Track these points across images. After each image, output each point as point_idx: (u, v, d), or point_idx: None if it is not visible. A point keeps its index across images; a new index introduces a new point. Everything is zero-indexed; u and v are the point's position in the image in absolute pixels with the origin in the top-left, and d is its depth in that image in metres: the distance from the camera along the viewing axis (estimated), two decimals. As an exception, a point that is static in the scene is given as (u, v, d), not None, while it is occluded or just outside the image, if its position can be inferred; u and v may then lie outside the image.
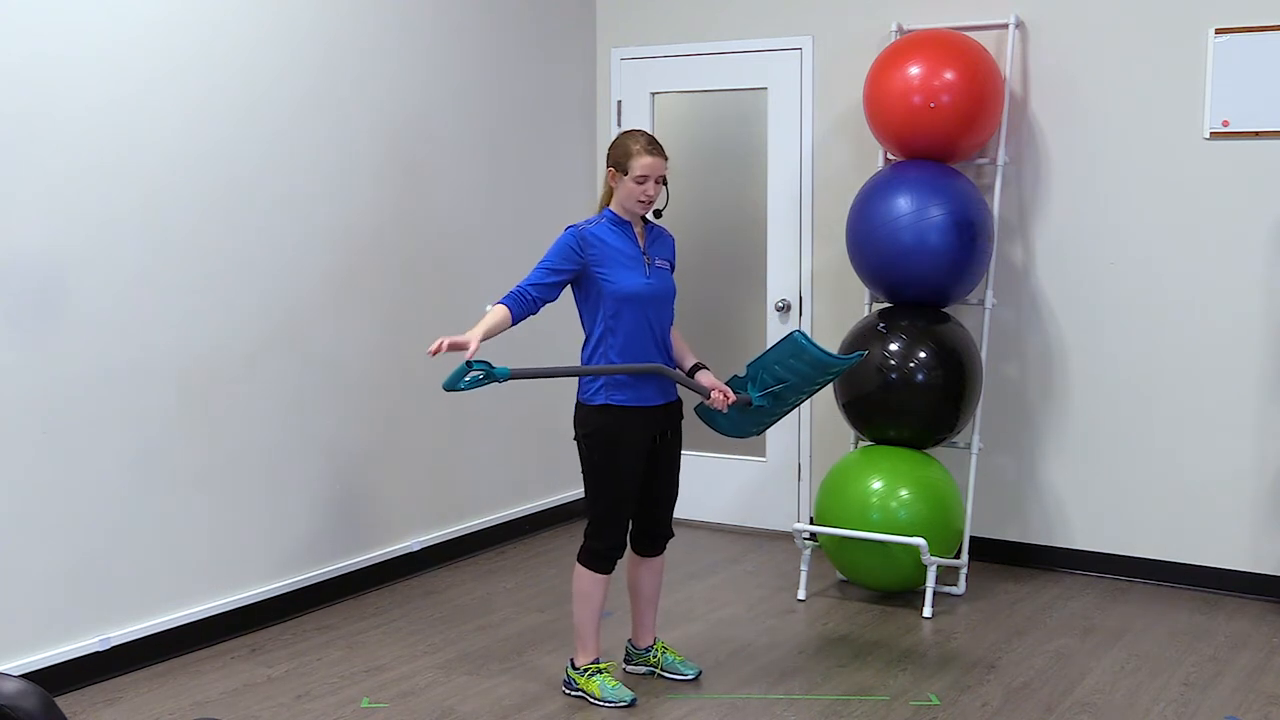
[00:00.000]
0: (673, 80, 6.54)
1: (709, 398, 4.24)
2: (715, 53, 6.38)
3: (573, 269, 4.17)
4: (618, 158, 4.18)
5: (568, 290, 4.26)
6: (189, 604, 4.74)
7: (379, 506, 5.53)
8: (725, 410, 4.27)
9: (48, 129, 4.22)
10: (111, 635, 4.48)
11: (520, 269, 6.15)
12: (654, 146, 4.18)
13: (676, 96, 6.61)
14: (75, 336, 4.32)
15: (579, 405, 4.27)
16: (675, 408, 4.34)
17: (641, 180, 4.14)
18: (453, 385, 3.93)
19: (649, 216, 4.31)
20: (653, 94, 6.59)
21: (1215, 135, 5.30)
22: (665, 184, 4.22)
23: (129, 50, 4.45)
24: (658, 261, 4.25)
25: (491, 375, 3.93)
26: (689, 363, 4.35)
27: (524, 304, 4.16)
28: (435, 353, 3.97)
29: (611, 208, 4.25)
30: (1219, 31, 5.25)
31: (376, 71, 5.41)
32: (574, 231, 4.20)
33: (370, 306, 5.42)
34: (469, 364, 3.88)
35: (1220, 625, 5.04)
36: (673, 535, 4.49)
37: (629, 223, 4.24)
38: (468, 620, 5.11)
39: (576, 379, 4.30)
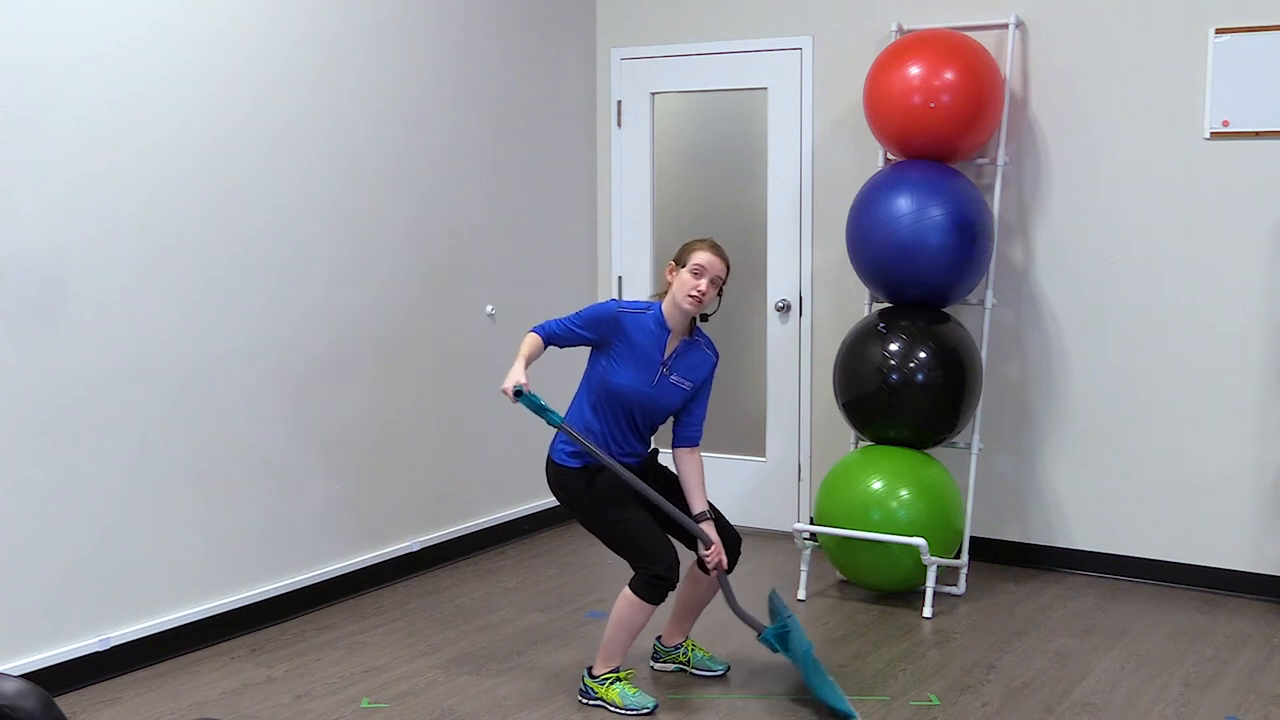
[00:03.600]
0: (673, 80, 6.54)
1: (706, 548, 4.20)
2: (715, 53, 6.38)
3: (594, 339, 4.22)
4: (679, 253, 4.21)
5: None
6: (189, 604, 4.74)
7: (379, 507, 5.53)
8: (714, 573, 4.24)
9: (48, 130, 4.22)
10: (111, 635, 4.47)
11: (521, 268, 6.21)
12: (717, 249, 4.20)
13: (676, 96, 6.61)
14: (75, 337, 4.32)
15: (551, 464, 4.31)
16: (650, 459, 4.37)
17: (697, 272, 4.12)
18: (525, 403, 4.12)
19: (698, 321, 4.29)
20: (653, 94, 6.59)
21: (1215, 135, 5.30)
22: (721, 293, 4.21)
23: (130, 52, 4.45)
24: (674, 377, 4.22)
25: (544, 410, 4.10)
26: (697, 505, 4.26)
27: (549, 340, 4.24)
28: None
29: (663, 307, 4.23)
30: (1219, 31, 5.25)
31: (376, 71, 5.41)
32: (614, 309, 4.20)
33: (370, 307, 5.42)
34: (518, 391, 4.05)
35: (1220, 625, 5.04)
36: (739, 539, 4.41)
37: (669, 330, 4.21)
38: (468, 620, 5.11)
39: (555, 437, 4.32)
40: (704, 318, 4.31)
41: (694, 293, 4.13)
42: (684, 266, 4.15)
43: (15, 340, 4.16)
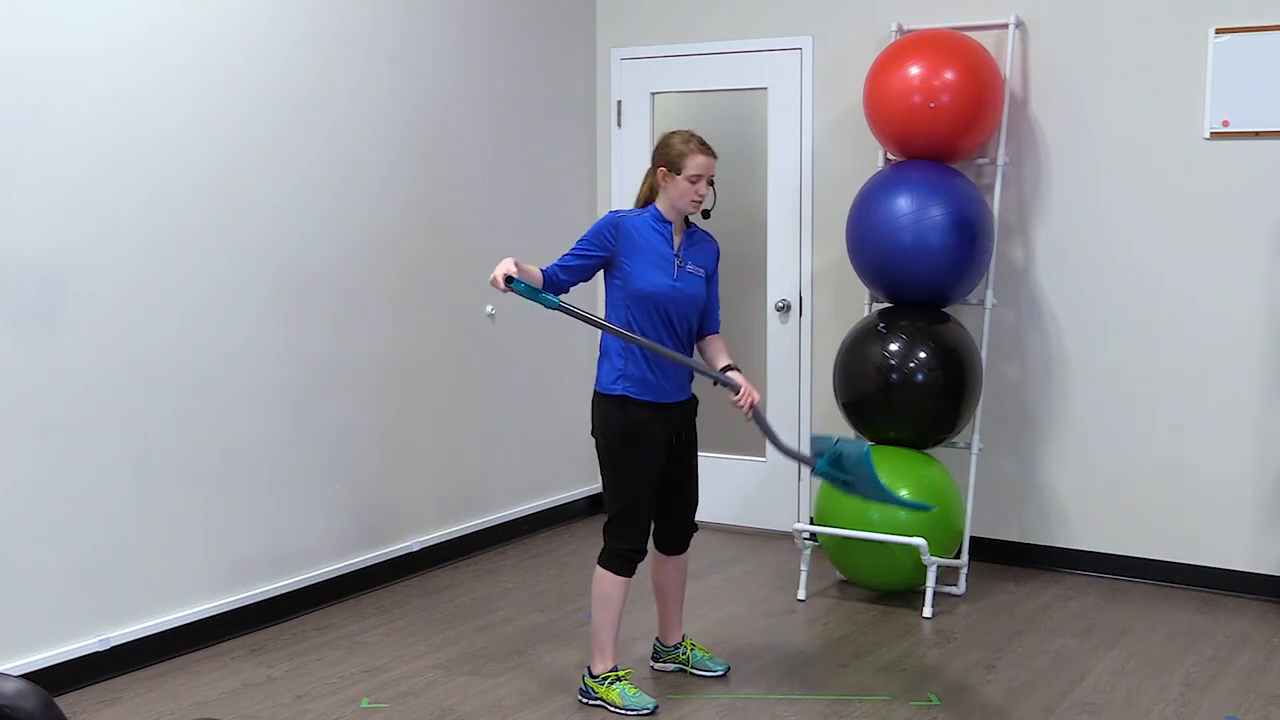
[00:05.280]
0: (673, 80, 6.54)
1: (738, 393, 4.18)
2: (715, 53, 6.38)
3: (602, 254, 4.19)
4: (671, 157, 4.17)
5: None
6: (189, 604, 4.74)
7: (379, 507, 5.53)
8: (749, 416, 4.19)
9: (49, 130, 4.22)
10: (111, 635, 4.47)
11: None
12: (706, 146, 4.20)
13: (676, 96, 6.61)
14: (75, 337, 4.32)
15: (596, 396, 4.25)
16: (692, 405, 4.33)
17: (695, 179, 4.14)
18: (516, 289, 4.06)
19: (697, 217, 4.30)
20: (653, 94, 6.59)
21: (1215, 135, 5.30)
22: (713, 185, 4.22)
23: (130, 52, 4.45)
24: (690, 266, 4.23)
25: (537, 294, 4.02)
26: (722, 361, 4.30)
27: (554, 284, 4.18)
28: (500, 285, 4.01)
29: (657, 206, 4.23)
30: (1219, 31, 5.25)
31: (376, 72, 5.41)
32: (612, 217, 4.21)
33: (371, 308, 5.42)
34: (508, 279, 3.99)
35: (1220, 625, 5.04)
36: (696, 529, 4.47)
37: (670, 223, 4.23)
38: (468, 620, 5.11)
39: (596, 368, 4.28)
40: (706, 214, 4.31)
41: (695, 198, 4.17)
42: (680, 174, 4.15)
43: (15, 340, 4.16)
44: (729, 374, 4.22)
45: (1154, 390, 5.50)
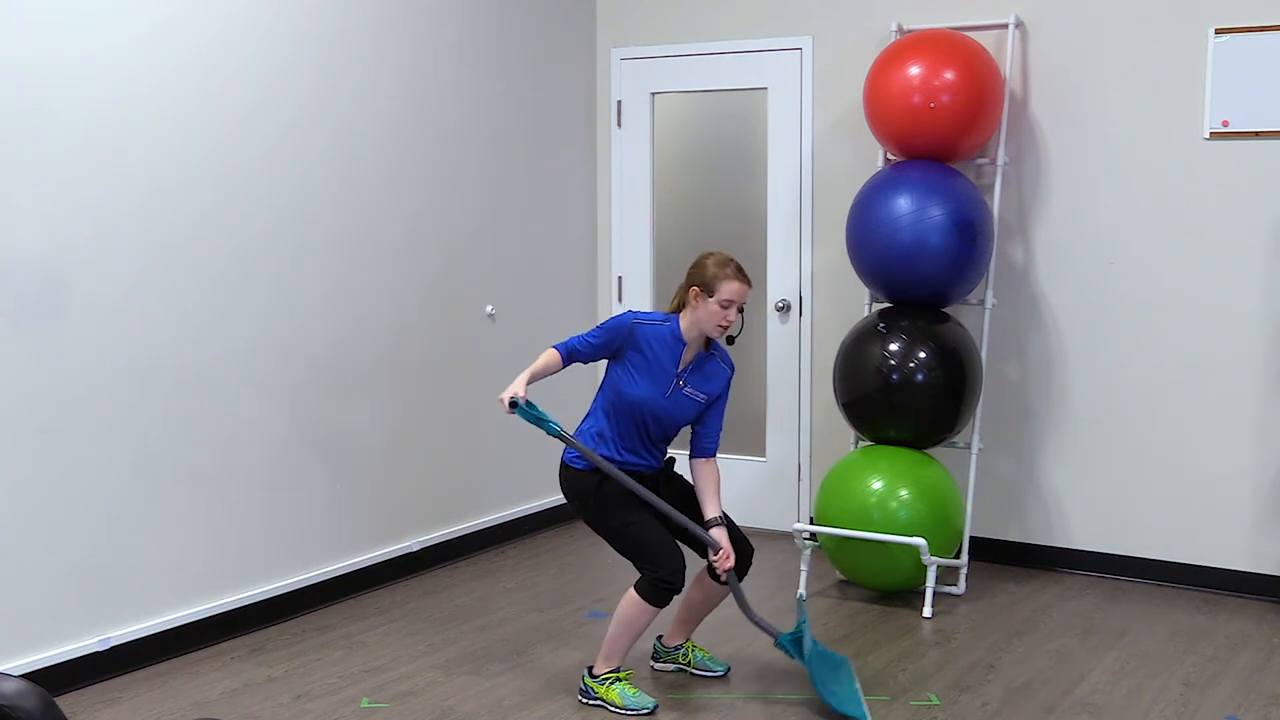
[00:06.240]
0: (673, 80, 6.54)
1: (715, 553, 4.19)
2: (715, 53, 6.38)
3: (612, 347, 4.24)
4: (706, 279, 4.16)
5: None
6: (189, 604, 4.74)
7: (379, 506, 5.53)
8: (724, 576, 4.22)
9: (50, 130, 4.22)
10: (111, 635, 4.47)
11: (521, 269, 6.21)
12: (743, 274, 4.19)
13: (676, 96, 6.61)
14: (75, 337, 4.32)
15: (563, 466, 4.31)
16: (667, 467, 4.38)
17: (726, 305, 4.14)
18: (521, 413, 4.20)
19: (720, 341, 4.29)
20: (653, 94, 6.59)
21: (1215, 135, 5.30)
22: (741, 310, 4.22)
23: (130, 52, 4.45)
24: (688, 389, 4.23)
25: (541, 420, 4.15)
26: (710, 511, 4.26)
27: (569, 357, 4.26)
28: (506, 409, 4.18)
29: (680, 321, 4.23)
30: (1219, 31, 5.25)
31: (376, 71, 5.41)
32: (630, 321, 4.23)
33: (370, 307, 5.42)
34: (514, 402, 4.13)
35: (1220, 625, 5.04)
36: (752, 550, 4.38)
37: (685, 342, 4.22)
38: (468, 620, 5.11)
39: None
40: (730, 340, 4.31)
41: (723, 323, 4.17)
42: (712, 296, 4.14)
43: (16, 340, 4.16)
44: (712, 531, 4.21)
45: (1154, 390, 5.50)
